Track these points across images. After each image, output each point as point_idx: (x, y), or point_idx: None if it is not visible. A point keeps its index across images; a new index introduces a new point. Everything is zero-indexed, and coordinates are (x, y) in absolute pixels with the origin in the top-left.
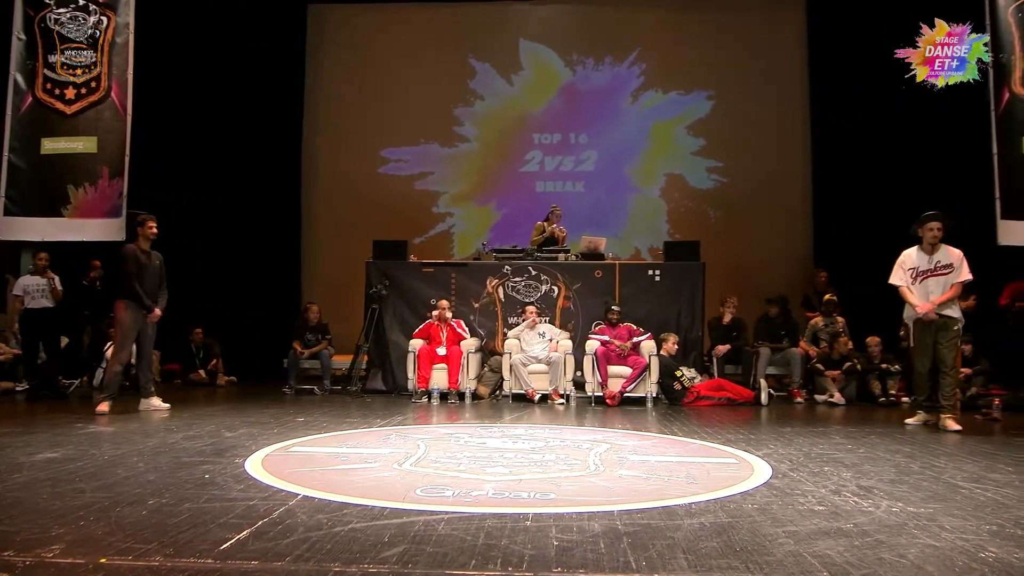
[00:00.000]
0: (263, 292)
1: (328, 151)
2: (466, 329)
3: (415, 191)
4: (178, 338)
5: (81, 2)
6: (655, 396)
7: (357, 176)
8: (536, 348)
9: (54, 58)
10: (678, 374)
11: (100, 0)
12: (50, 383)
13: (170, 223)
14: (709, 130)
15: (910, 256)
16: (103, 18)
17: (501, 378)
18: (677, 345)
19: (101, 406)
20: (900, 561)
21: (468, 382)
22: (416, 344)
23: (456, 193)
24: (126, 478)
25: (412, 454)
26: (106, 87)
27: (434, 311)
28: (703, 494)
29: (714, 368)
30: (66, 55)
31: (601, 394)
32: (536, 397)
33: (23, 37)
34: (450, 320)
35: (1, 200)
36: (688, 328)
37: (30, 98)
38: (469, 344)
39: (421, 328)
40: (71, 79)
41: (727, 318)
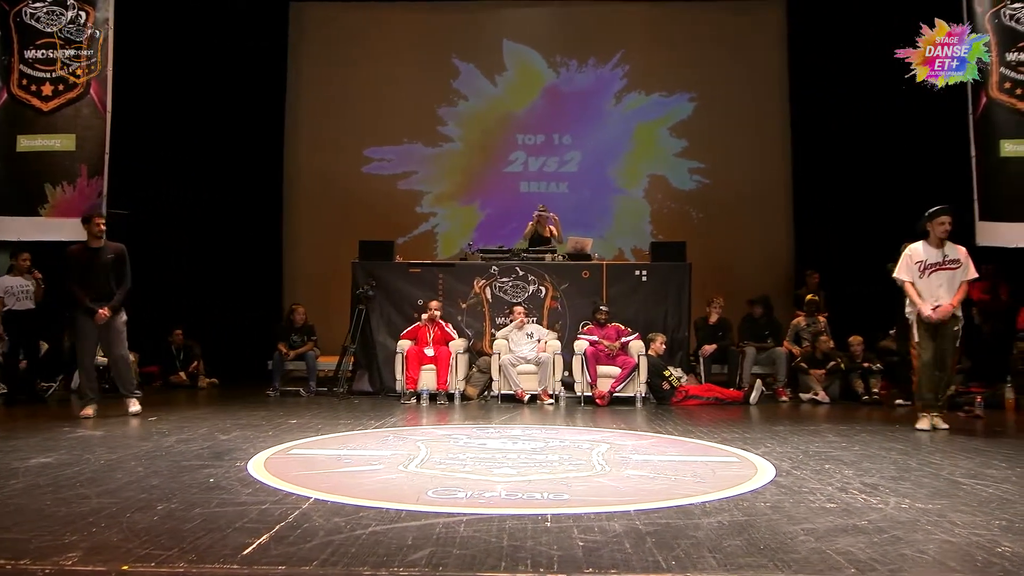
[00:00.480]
0: (244, 293)
1: (310, 150)
2: (454, 330)
3: (398, 191)
4: (158, 340)
5: None
6: (644, 396)
7: (340, 175)
8: (524, 349)
9: (30, 53)
10: (666, 374)
11: None
12: (28, 387)
13: (150, 223)
14: (691, 132)
15: (917, 250)
16: (81, 13)
17: (490, 379)
18: (665, 345)
19: (85, 411)
20: (922, 557)
21: (457, 383)
22: (404, 345)
23: (440, 193)
24: (128, 483)
25: (415, 456)
26: (85, 84)
27: (424, 313)
28: (713, 493)
29: (700, 368)
30: (42, 50)
31: (590, 394)
32: (525, 398)
33: None
34: (438, 320)
35: None
36: (675, 328)
37: (5, 94)
38: (457, 345)
39: (410, 330)
40: (48, 75)
41: (713, 318)
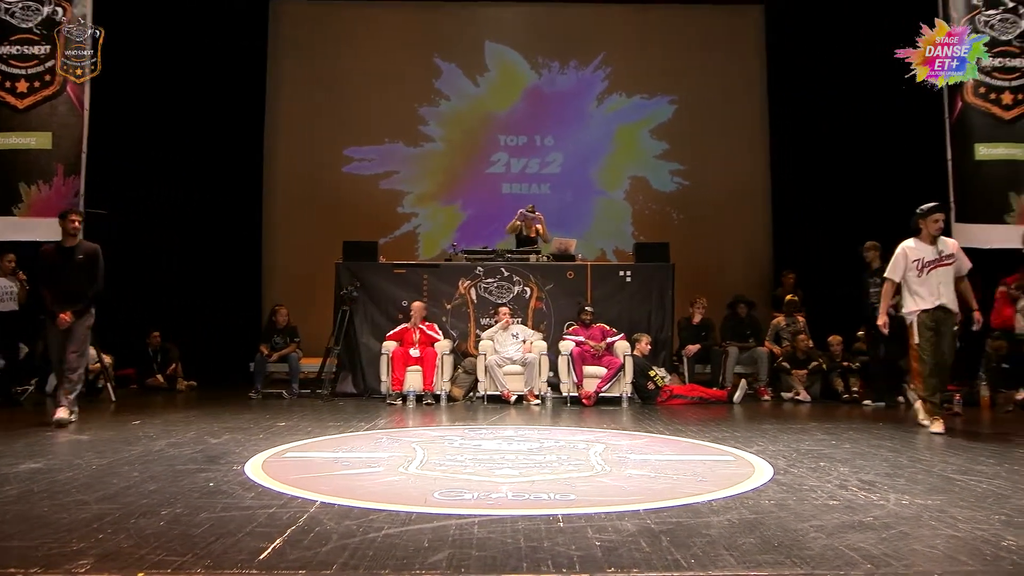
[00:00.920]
0: (223, 294)
1: (291, 150)
2: (438, 331)
3: (380, 191)
4: (134, 342)
5: None
6: (629, 396)
7: (321, 175)
8: (510, 349)
9: (4, 49)
10: (652, 374)
11: None
12: (4, 391)
13: (127, 223)
14: (672, 134)
15: (912, 248)
16: (58, 8)
17: (475, 379)
18: (650, 345)
19: (59, 414)
20: (933, 552)
21: (443, 384)
22: (390, 346)
23: (421, 193)
24: (126, 488)
25: (413, 458)
26: (61, 81)
27: (410, 313)
28: (717, 491)
29: (684, 368)
30: (17, 46)
31: (576, 394)
32: (512, 398)
33: None
34: (423, 321)
35: None
36: (658, 328)
37: None
38: (443, 346)
39: (395, 331)
40: (23, 72)
41: (697, 318)
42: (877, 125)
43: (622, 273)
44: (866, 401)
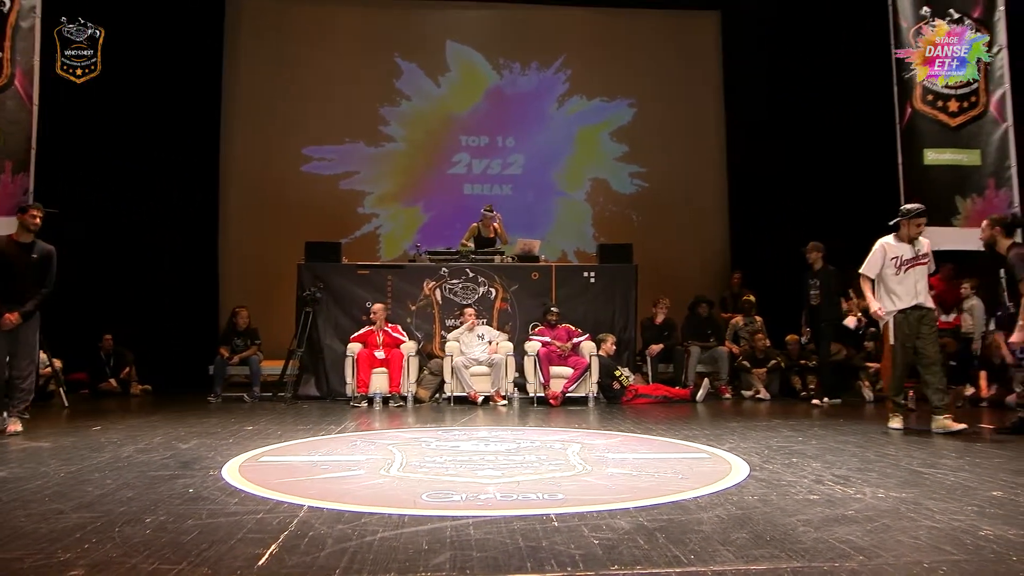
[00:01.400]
0: (178, 296)
1: (247, 148)
2: (403, 333)
3: (340, 191)
4: (86, 346)
5: None
6: (596, 396)
7: (278, 174)
8: (476, 350)
9: None
10: (617, 373)
11: None
12: None
13: (78, 223)
14: (631, 136)
15: (891, 246)
16: (6, 0)
17: (441, 381)
18: (615, 345)
19: (13, 426)
20: (917, 542)
21: (409, 386)
22: (355, 348)
23: (382, 194)
24: (102, 496)
25: (392, 460)
26: (9, 74)
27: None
28: (700, 488)
29: (648, 367)
30: None
31: (543, 395)
32: (479, 399)
33: None
34: (387, 323)
35: None
36: (622, 328)
37: None
38: (409, 347)
39: (360, 333)
40: None
41: (659, 318)
42: (831, 129)
43: (586, 274)
44: (815, 400)
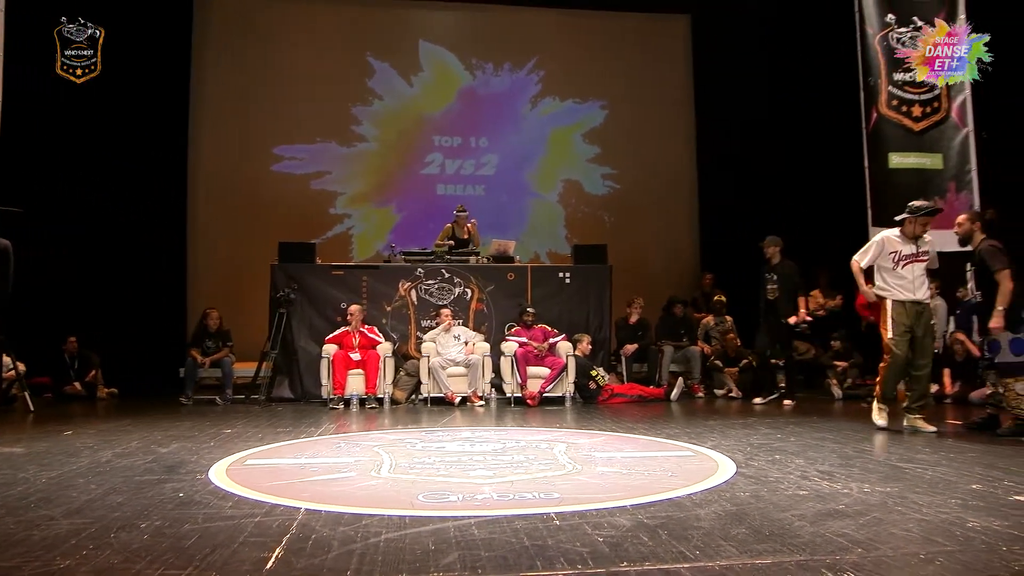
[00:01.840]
0: (144, 297)
1: (216, 147)
2: (379, 334)
3: (311, 191)
4: (48, 348)
5: None
6: (572, 395)
7: (248, 174)
8: (452, 351)
9: None
10: (593, 373)
11: None
12: None
13: (40, 222)
14: (603, 138)
15: (892, 240)
16: None
17: (418, 382)
18: (590, 345)
19: None
20: (910, 535)
21: (385, 387)
22: (330, 349)
23: (354, 194)
24: (90, 501)
25: (381, 462)
26: None
27: (348, 317)
28: (692, 486)
29: (622, 367)
30: None
31: (520, 395)
32: (456, 400)
33: None
34: (363, 324)
35: None
36: (597, 328)
37: None
38: (385, 348)
39: (335, 335)
40: None
41: (634, 318)
42: (800, 132)
43: (562, 274)
44: (756, 399)
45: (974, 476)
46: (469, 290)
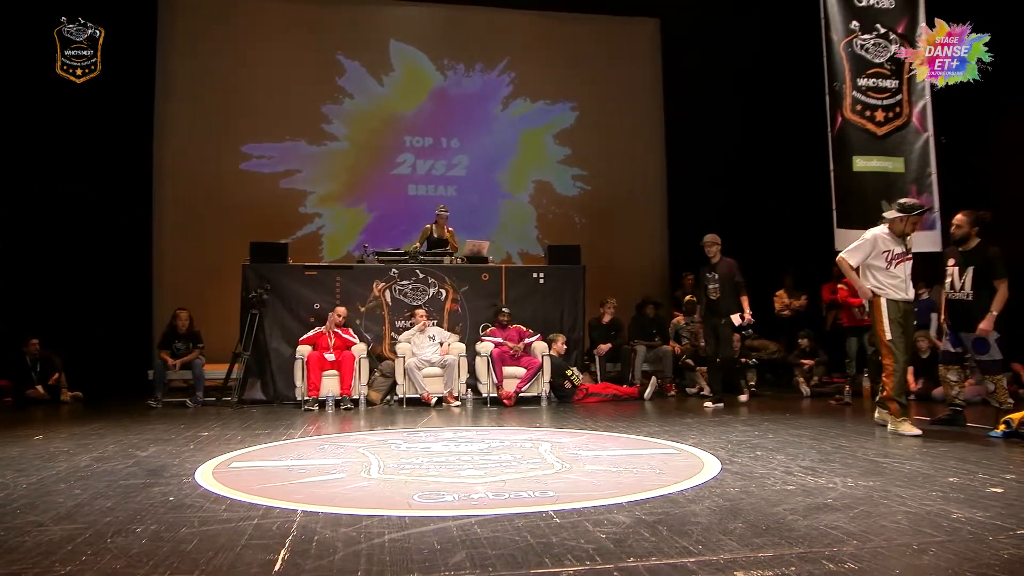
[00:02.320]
0: (108, 298)
1: (182, 145)
2: (353, 335)
3: (281, 190)
4: (9, 351)
5: None
6: (548, 395)
7: (216, 172)
8: (427, 351)
9: None
10: (568, 373)
11: None
12: None
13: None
14: (574, 139)
15: (885, 239)
16: None
17: (393, 382)
18: (565, 345)
19: None
20: (900, 526)
21: (361, 388)
22: (304, 350)
23: (325, 193)
24: (77, 507)
25: (369, 463)
26: None
27: (328, 317)
28: (682, 482)
29: (596, 367)
30: None
31: (496, 395)
32: (432, 400)
33: None
34: (337, 327)
35: None
36: (570, 328)
37: None
38: (361, 349)
39: (310, 335)
40: None
41: (607, 318)
42: (768, 134)
43: (536, 275)
44: (706, 404)
45: (949, 470)
46: (444, 291)
